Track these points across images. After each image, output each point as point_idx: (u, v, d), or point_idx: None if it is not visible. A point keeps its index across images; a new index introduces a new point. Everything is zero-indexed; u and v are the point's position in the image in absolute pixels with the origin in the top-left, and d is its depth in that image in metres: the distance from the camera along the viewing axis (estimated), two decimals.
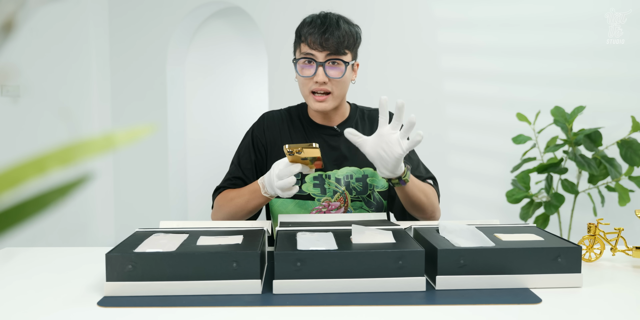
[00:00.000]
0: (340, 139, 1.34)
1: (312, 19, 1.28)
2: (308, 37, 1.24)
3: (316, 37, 1.23)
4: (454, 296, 0.88)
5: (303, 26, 1.27)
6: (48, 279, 1.00)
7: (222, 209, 1.30)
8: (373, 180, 1.35)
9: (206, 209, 3.62)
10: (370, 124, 1.40)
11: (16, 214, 0.27)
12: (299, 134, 1.36)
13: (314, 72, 1.25)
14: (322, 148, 1.33)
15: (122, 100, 3.40)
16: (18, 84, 2.73)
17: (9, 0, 0.27)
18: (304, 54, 1.26)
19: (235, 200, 1.27)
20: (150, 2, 3.29)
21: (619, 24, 2.20)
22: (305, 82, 1.27)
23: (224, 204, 1.30)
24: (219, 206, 1.32)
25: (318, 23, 1.25)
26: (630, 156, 2.03)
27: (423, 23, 2.61)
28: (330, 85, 1.26)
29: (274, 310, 0.82)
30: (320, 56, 1.24)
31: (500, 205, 2.45)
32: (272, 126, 1.37)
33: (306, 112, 1.39)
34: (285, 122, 1.38)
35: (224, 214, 1.30)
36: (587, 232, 1.12)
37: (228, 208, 1.28)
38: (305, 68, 1.26)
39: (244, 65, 3.82)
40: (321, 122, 1.37)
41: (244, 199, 1.25)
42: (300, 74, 1.26)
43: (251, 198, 1.23)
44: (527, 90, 2.41)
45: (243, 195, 1.26)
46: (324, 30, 1.23)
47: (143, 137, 0.28)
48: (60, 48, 3.03)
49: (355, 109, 1.41)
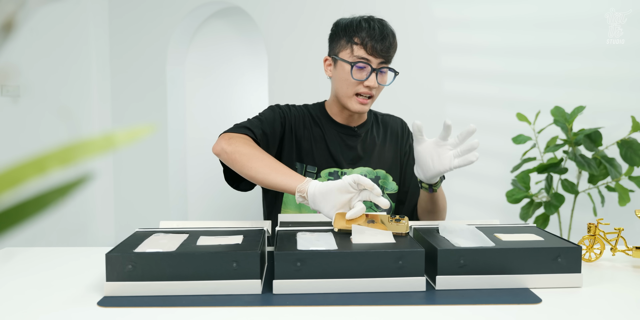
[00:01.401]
0: (357, 139, 1.39)
1: (367, 22, 1.29)
2: (368, 43, 1.26)
3: (376, 44, 1.26)
4: (454, 296, 0.88)
5: (359, 29, 1.28)
6: (48, 279, 1.00)
7: (235, 151, 1.16)
8: (384, 182, 1.39)
9: (206, 209, 3.62)
10: (384, 128, 1.45)
11: (16, 214, 0.27)
12: (317, 130, 1.38)
13: (366, 77, 1.28)
14: (339, 146, 1.36)
15: (122, 101, 3.40)
16: (18, 84, 2.73)
17: (9, 0, 0.27)
18: (358, 57, 1.27)
19: (259, 159, 1.13)
20: (150, 3, 3.29)
21: (619, 24, 2.20)
22: (354, 83, 1.29)
23: (252, 156, 1.15)
24: (248, 152, 1.15)
25: (377, 30, 1.27)
26: (630, 156, 2.03)
27: (423, 23, 2.61)
28: (375, 90, 1.31)
29: (274, 310, 0.82)
30: (374, 62, 1.28)
31: (500, 205, 2.45)
32: (297, 116, 1.38)
33: (325, 111, 1.41)
34: (306, 117, 1.39)
35: (235, 157, 1.16)
36: (587, 232, 1.12)
37: (242, 159, 1.15)
38: (359, 71, 1.28)
39: (244, 65, 3.81)
40: (343, 122, 1.40)
41: (270, 171, 1.11)
42: (354, 76, 1.28)
43: (279, 180, 1.10)
44: (527, 90, 2.41)
45: (273, 167, 1.12)
46: (382, 38, 1.27)
47: (143, 137, 0.28)
48: (60, 48, 3.03)
49: (370, 113, 1.46)
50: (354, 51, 1.28)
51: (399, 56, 2.69)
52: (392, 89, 2.69)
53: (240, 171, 1.16)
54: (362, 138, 1.39)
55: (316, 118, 1.39)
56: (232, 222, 1.17)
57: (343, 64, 1.30)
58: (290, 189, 1.08)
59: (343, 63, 1.29)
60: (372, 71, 1.27)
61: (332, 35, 1.35)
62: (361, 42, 1.27)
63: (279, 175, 1.11)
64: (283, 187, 1.09)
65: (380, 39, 1.26)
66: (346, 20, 1.33)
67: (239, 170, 1.16)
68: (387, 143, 1.42)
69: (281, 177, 1.10)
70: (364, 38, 1.27)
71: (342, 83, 1.31)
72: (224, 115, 3.71)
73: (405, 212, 1.41)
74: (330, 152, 1.36)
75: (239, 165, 1.15)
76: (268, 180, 1.12)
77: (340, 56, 1.31)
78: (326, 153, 1.36)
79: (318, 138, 1.37)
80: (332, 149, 1.36)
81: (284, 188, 1.09)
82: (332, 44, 1.35)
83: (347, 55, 1.29)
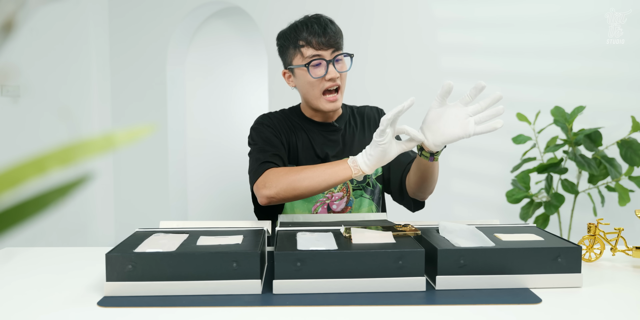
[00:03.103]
0: (338, 133, 1.40)
1: (303, 24, 1.30)
2: (312, 40, 1.27)
3: (320, 38, 1.27)
4: (454, 296, 0.88)
5: (299, 32, 1.30)
6: (48, 279, 1.00)
7: (293, 177, 1.17)
8: None
9: (206, 209, 3.62)
10: (360, 117, 1.46)
11: (16, 214, 0.27)
12: (302, 134, 1.38)
13: (325, 71, 1.28)
14: (323, 144, 1.36)
15: (122, 100, 3.40)
16: (18, 84, 2.73)
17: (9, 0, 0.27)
18: (310, 57, 1.28)
19: (311, 170, 1.16)
20: (150, 3, 3.29)
21: (619, 24, 2.20)
22: (317, 83, 1.30)
23: (291, 174, 1.18)
24: (285, 175, 1.18)
25: (314, 25, 1.28)
26: (630, 156, 2.03)
27: (423, 23, 2.61)
28: (339, 79, 1.31)
29: (274, 310, 0.82)
30: (327, 55, 1.28)
31: (500, 205, 2.45)
32: (280, 122, 1.40)
33: (302, 113, 1.42)
34: (285, 121, 1.40)
35: (284, 195, 1.18)
36: (587, 232, 1.12)
37: (290, 190, 1.17)
38: (316, 68, 1.29)
39: (244, 65, 3.81)
40: (321, 120, 1.41)
41: (327, 172, 1.14)
42: (313, 75, 1.29)
43: (332, 179, 1.14)
44: (527, 90, 2.41)
45: (324, 168, 1.15)
46: (323, 30, 1.28)
47: (143, 137, 0.28)
48: (60, 48, 3.03)
49: (345, 107, 1.47)
50: (304, 53, 1.29)
51: (399, 56, 2.70)
52: (391, 89, 2.69)
53: (300, 197, 1.20)
54: (342, 132, 1.40)
55: (296, 122, 1.40)
56: (232, 222, 1.17)
57: (300, 70, 1.31)
58: (347, 177, 1.13)
59: (299, 69, 1.31)
60: (328, 63, 1.28)
61: (280, 49, 1.37)
62: (306, 42, 1.28)
63: (326, 176, 1.14)
64: (340, 180, 1.14)
65: (321, 32, 1.27)
66: (284, 29, 1.35)
67: (300, 197, 1.20)
68: (366, 130, 1.44)
69: (329, 175, 1.14)
70: (306, 37, 1.28)
71: (307, 87, 1.32)
72: (224, 115, 3.71)
73: (395, 187, 1.39)
74: (315, 150, 1.37)
75: (294, 196, 1.19)
76: (325, 187, 1.16)
77: (294, 64, 1.32)
78: (311, 152, 1.37)
79: (302, 139, 1.37)
80: (317, 147, 1.37)
81: (342, 180, 1.14)
82: (283, 56, 1.37)
83: (300, 60, 1.31)
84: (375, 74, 2.70)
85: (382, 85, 2.69)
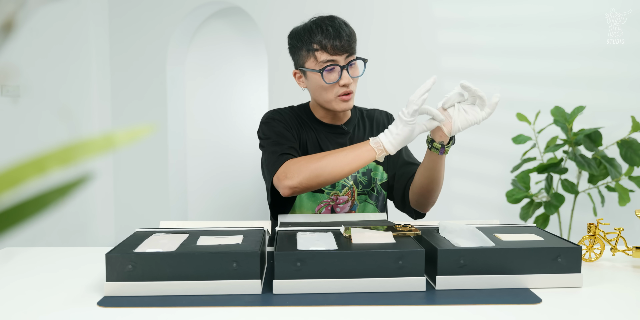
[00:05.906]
0: (346, 136, 1.39)
1: (317, 25, 1.28)
2: (327, 44, 1.25)
3: (335, 42, 1.25)
4: (454, 296, 0.88)
5: (313, 34, 1.27)
6: (48, 279, 1.00)
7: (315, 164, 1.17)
8: (375, 174, 1.39)
9: (206, 209, 3.62)
10: (369, 121, 1.45)
11: (16, 214, 0.27)
12: (310, 133, 1.38)
13: (339, 77, 1.27)
14: (330, 146, 1.36)
15: (122, 100, 3.40)
16: (18, 84, 2.73)
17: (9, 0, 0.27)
18: (324, 61, 1.27)
19: (333, 156, 1.16)
20: (150, 2, 3.29)
21: (619, 24, 2.20)
22: (330, 88, 1.28)
23: (312, 161, 1.17)
24: (307, 163, 1.18)
25: (329, 27, 1.26)
26: (630, 156, 2.03)
27: (422, 23, 2.61)
28: (352, 85, 1.30)
29: (274, 310, 0.82)
30: (341, 60, 1.27)
31: (500, 205, 2.45)
32: (291, 118, 1.38)
33: (311, 113, 1.40)
34: (295, 118, 1.39)
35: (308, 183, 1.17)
36: (587, 232, 1.12)
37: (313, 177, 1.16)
38: (330, 74, 1.28)
39: (244, 65, 3.81)
40: (330, 122, 1.40)
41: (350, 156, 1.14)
42: (326, 80, 1.27)
43: (357, 161, 1.14)
44: (527, 90, 2.41)
45: (346, 152, 1.15)
46: (338, 34, 1.26)
47: (143, 137, 0.28)
48: (60, 48, 3.03)
49: (355, 109, 1.46)
50: (318, 57, 1.27)
51: (399, 56, 2.70)
52: (390, 89, 2.69)
53: (324, 184, 1.19)
54: (350, 135, 1.40)
55: (305, 121, 1.39)
56: (232, 222, 1.17)
57: (312, 73, 1.30)
58: (371, 159, 1.14)
59: (313, 73, 1.30)
60: (341, 69, 1.27)
61: (291, 48, 1.35)
62: (321, 47, 1.26)
63: (349, 160, 1.14)
64: (364, 163, 1.14)
65: (336, 35, 1.25)
66: (298, 29, 1.33)
67: (323, 184, 1.19)
68: (374, 135, 1.43)
69: (352, 159, 1.14)
70: (321, 41, 1.26)
71: (319, 91, 1.31)
72: (224, 115, 3.71)
73: (398, 194, 1.39)
74: (322, 150, 1.36)
75: (317, 184, 1.18)
76: (348, 171, 1.15)
77: (307, 67, 1.31)
78: (318, 151, 1.36)
79: (311, 138, 1.37)
80: (324, 148, 1.36)
81: (366, 162, 1.14)
82: (295, 56, 1.35)
83: (313, 63, 1.29)
84: (375, 74, 2.69)
85: (382, 85, 2.69)
